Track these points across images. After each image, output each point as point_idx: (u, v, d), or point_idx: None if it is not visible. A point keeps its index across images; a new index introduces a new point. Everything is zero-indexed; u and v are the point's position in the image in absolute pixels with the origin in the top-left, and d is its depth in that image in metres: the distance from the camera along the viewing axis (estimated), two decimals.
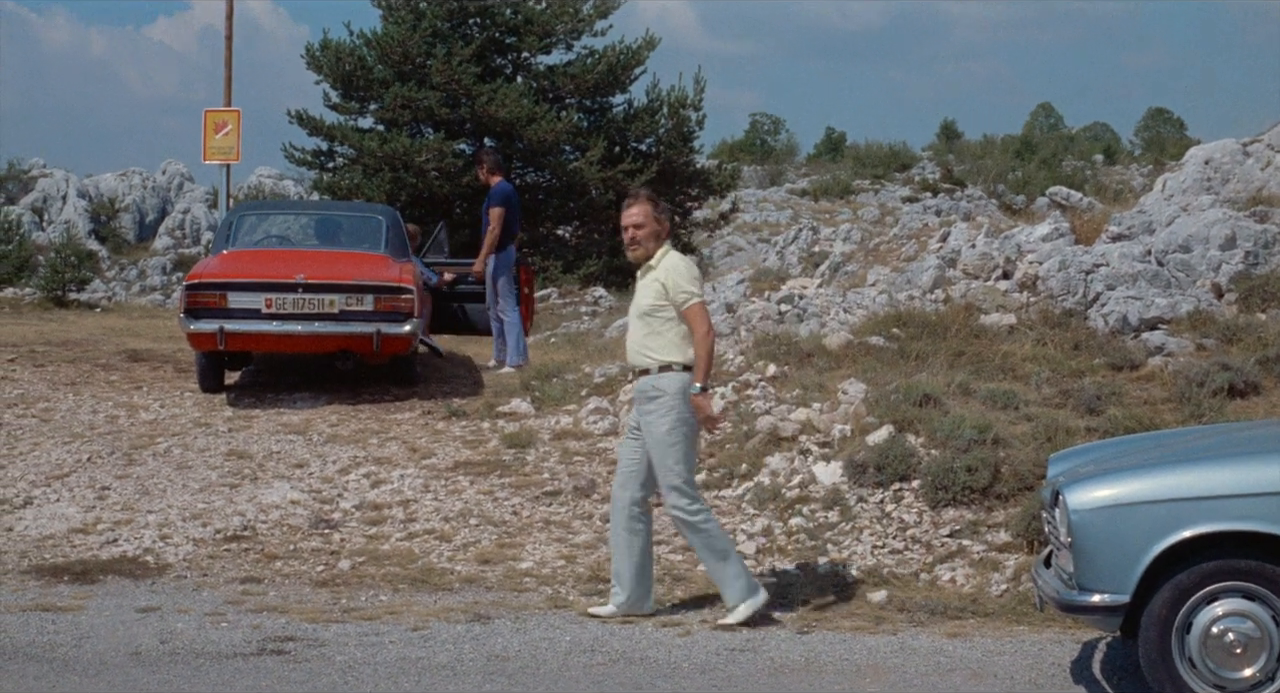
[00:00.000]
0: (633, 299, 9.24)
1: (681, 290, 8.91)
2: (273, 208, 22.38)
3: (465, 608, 9.15)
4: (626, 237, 9.16)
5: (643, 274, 9.13)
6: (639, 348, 9.03)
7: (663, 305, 8.94)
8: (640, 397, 9.02)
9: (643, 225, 9.08)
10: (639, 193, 9.39)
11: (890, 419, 11.43)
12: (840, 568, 9.91)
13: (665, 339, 8.94)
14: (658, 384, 8.90)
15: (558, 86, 32.00)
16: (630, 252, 9.21)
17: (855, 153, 65.70)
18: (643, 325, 9.02)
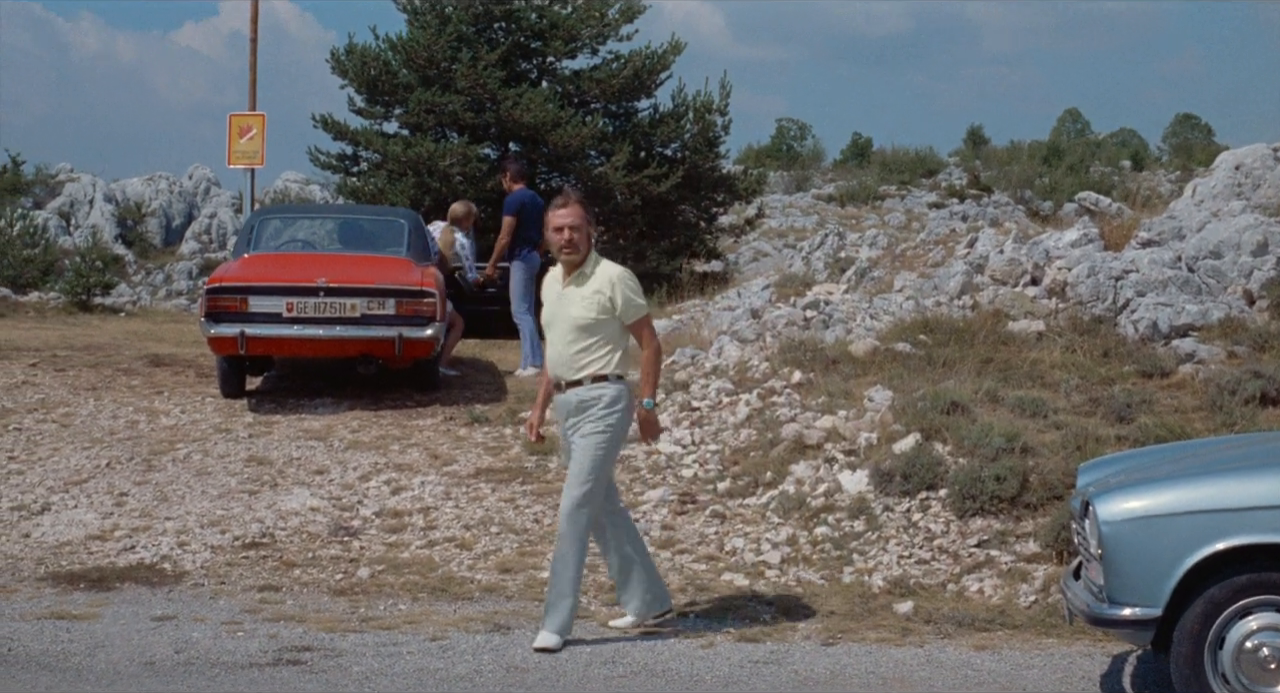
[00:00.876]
0: (554, 306, 8.77)
1: (633, 304, 8.67)
2: (294, 211, 22.28)
3: (485, 618, 9.02)
4: (563, 239, 8.65)
5: (573, 281, 8.70)
6: (571, 361, 8.63)
7: (605, 319, 8.60)
8: (568, 409, 8.69)
9: (579, 227, 8.66)
10: (569, 193, 8.98)
11: (917, 427, 11.29)
12: (866, 578, 9.77)
13: (602, 351, 8.62)
14: (593, 394, 8.60)
15: (583, 91, 31.80)
16: (565, 255, 8.70)
17: (882, 158, 65.33)
18: (577, 337, 8.61)
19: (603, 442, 8.60)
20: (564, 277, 8.75)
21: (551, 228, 8.70)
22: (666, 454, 12.18)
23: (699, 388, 13.36)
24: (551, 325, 8.78)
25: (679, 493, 11.43)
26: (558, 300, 8.74)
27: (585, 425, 8.60)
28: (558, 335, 8.69)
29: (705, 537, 10.65)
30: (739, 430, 12.33)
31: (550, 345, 8.79)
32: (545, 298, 8.93)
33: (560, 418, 8.85)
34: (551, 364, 8.79)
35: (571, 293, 8.66)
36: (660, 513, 11.07)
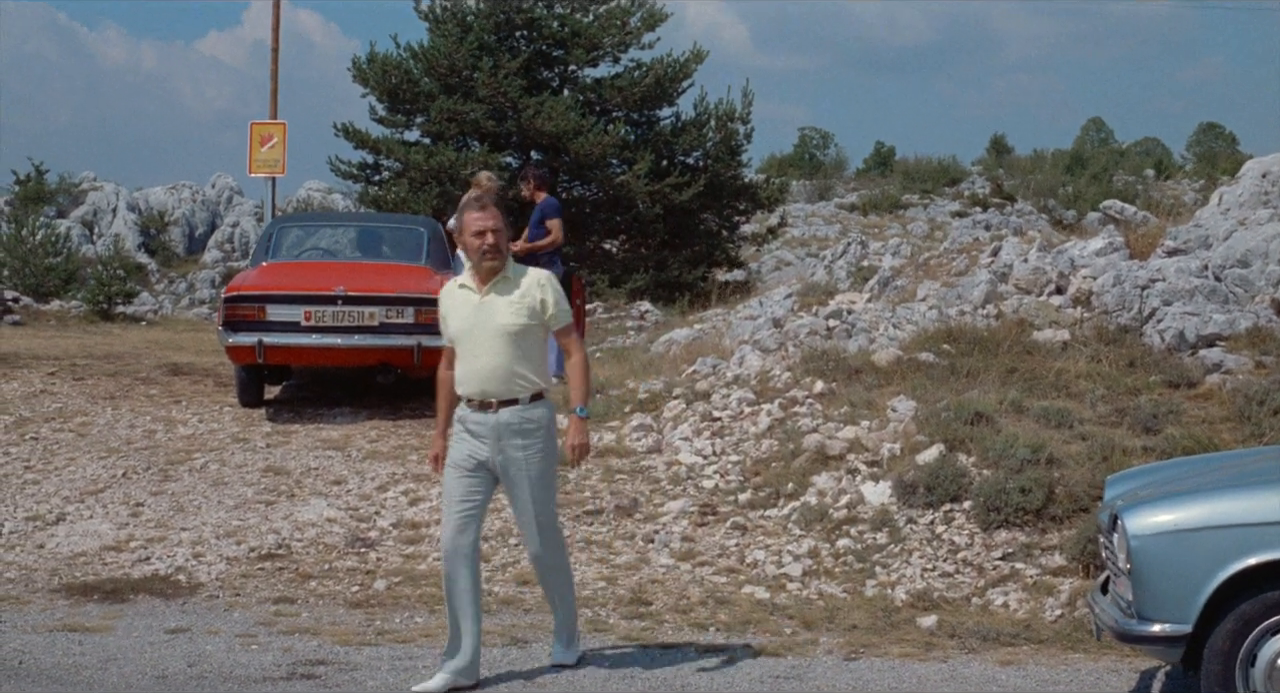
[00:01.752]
0: (471, 317, 7.99)
1: (562, 308, 8.11)
2: (313, 219, 22.23)
3: (502, 631, 8.90)
4: (485, 243, 7.94)
5: (493, 288, 8.01)
6: (507, 374, 7.91)
7: (534, 326, 8.00)
8: (506, 430, 7.92)
9: (499, 230, 7.99)
10: (484, 196, 8.50)
11: (941, 438, 11.15)
12: (889, 592, 9.63)
13: (535, 363, 8.03)
14: (533, 415, 7.96)
15: (605, 99, 31.77)
16: (488, 260, 7.97)
17: (904, 167, 65.33)
18: (510, 348, 7.91)
19: (552, 463, 8.12)
20: (479, 285, 8.06)
21: (470, 232, 8.01)
22: (687, 465, 12.06)
23: (720, 398, 13.24)
24: (467, 339, 8.00)
25: (699, 504, 11.30)
26: (476, 311, 8.00)
27: (531, 450, 7.96)
28: (483, 348, 7.92)
29: (726, 549, 10.51)
30: (760, 441, 12.20)
31: (470, 360, 7.98)
32: (452, 310, 8.12)
33: (476, 437, 7.98)
34: (473, 381, 7.95)
35: (495, 301, 7.98)
36: (680, 524, 10.94)
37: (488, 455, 7.97)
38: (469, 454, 8.00)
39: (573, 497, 11.59)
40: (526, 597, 9.60)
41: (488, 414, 7.94)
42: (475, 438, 7.99)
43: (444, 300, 8.23)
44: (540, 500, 8.06)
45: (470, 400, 8.01)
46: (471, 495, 8.01)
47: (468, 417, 8.02)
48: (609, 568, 10.16)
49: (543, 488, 8.06)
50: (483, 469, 8.00)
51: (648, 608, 9.34)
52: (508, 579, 9.95)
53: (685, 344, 17.70)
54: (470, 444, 8.01)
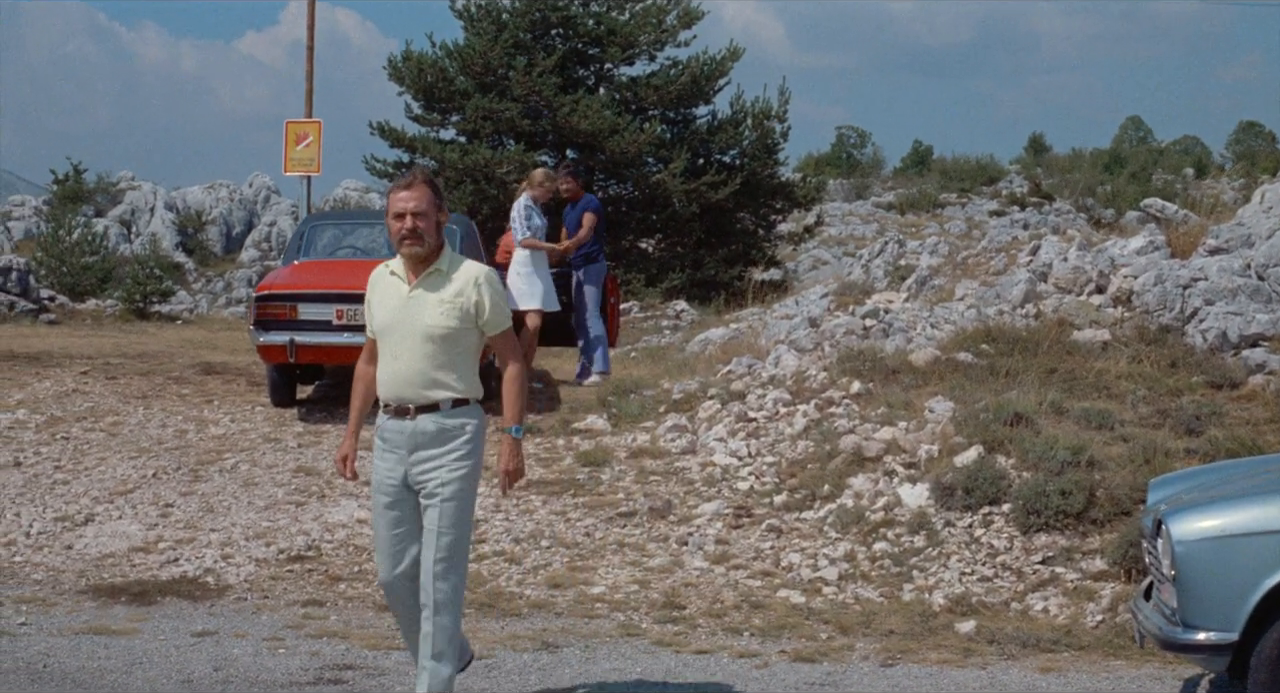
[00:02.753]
0: (396, 312, 7.09)
1: (501, 312, 7.14)
2: (345, 218, 22.11)
3: (533, 635, 8.77)
4: (404, 226, 6.98)
5: (423, 282, 7.07)
6: (426, 379, 6.99)
7: (466, 330, 7.04)
8: (423, 439, 7.01)
9: (425, 213, 7.00)
10: (416, 173, 7.25)
11: (979, 439, 10.98)
12: (926, 596, 9.46)
13: (462, 369, 7.06)
14: (453, 423, 7.02)
15: (640, 98, 31.65)
16: (408, 246, 7.00)
17: (942, 166, 65.01)
18: (433, 350, 7.00)
19: (472, 482, 7.12)
20: (409, 276, 7.11)
21: (391, 214, 7.07)
22: (722, 466, 11.91)
23: (755, 398, 13.09)
24: (389, 335, 7.09)
25: (734, 506, 11.15)
26: (402, 305, 7.07)
27: (446, 461, 7.00)
28: (404, 348, 7.02)
29: (761, 552, 10.36)
30: (796, 442, 12.05)
31: (389, 360, 7.07)
32: (378, 300, 7.20)
33: (392, 449, 7.09)
34: (390, 384, 7.05)
35: (423, 297, 7.04)
36: (715, 527, 10.79)
37: (404, 470, 7.06)
38: (387, 478, 7.11)
39: (606, 499, 11.46)
40: (558, 600, 9.47)
41: (404, 421, 7.03)
42: (390, 450, 7.08)
43: (371, 286, 7.30)
44: (450, 527, 7.00)
45: (387, 406, 7.10)
46: (398, 526, 7.14)
47: (385, 425, 7.12)
48: (642, 571, 10.01)
49: (456, 512, 7.01)
50: (405, 492, 7.10)
51: (681, 612, 9.20)
52: (539, 583, 9.81)
53: (721, 344, 17.57)
54: (386, 464, 7.11)
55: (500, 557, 10.31)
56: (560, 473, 12.22)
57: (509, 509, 11.27)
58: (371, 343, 7.28)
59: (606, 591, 9.62)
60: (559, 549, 10.45)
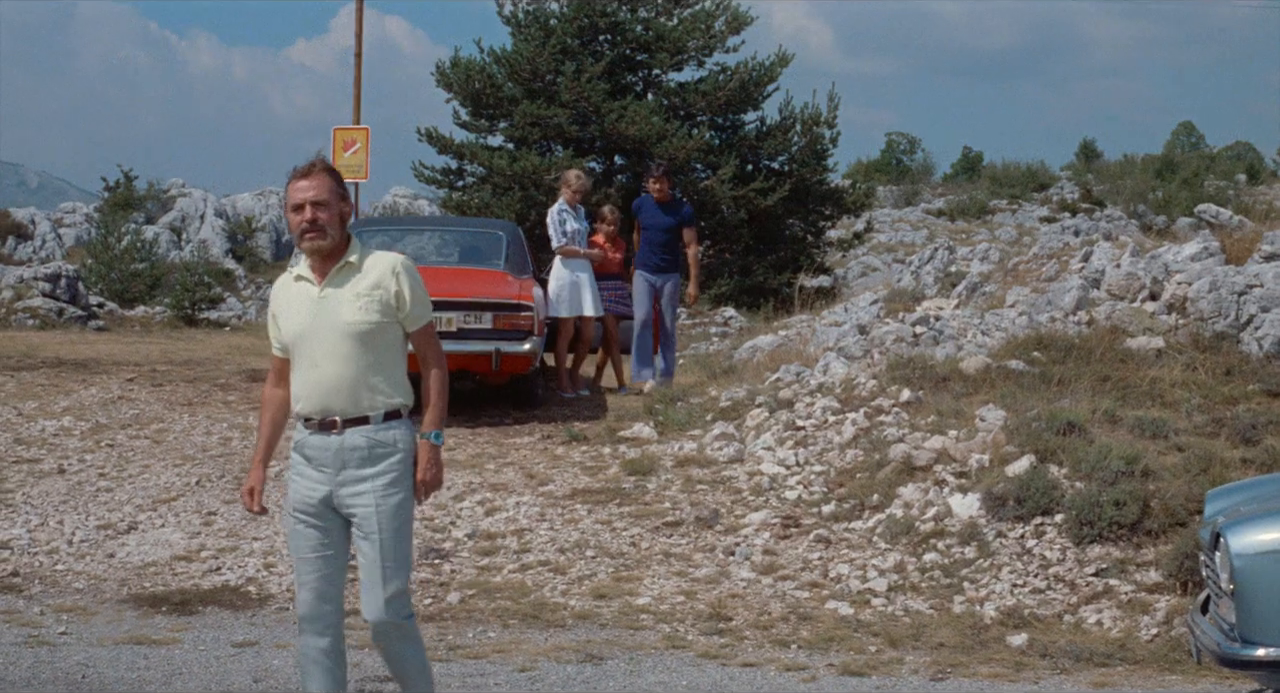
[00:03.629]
0: (307, 315, 6.35)
1: (423, 302, 6.43)
2: (391, 224, 22.10)
3: (577, 647, 8.64)
4: (304, 218, 6.26)
5: (332, 279, 6.34)
6: (354, 384, 6.26)
7: (387, 324, 6.31)
8: (352, 456, 6.27)
9: (326, 203, 6.29)
10: (315, 161, 6.46)
11: (1031, 448, 10.80)
12: (977, 608, 9.30)
13: (390, 371, 6.36)
14: (386, 437, 6.30)
15: (689, 104, 31.56)
16: (310, 240, 6.28)
17: (992, 173, 64.69)
18: (357, 350, 6.27)
19: (409, 506, 6.41)
20: (316, 276, 6.39)
21: (289, 206, 6.37)
22: (769, 475, 11.76)
23: (804, 406, 12.94)
24: (304, 343, 6.33)
25: (782, 516, 11.00)
26: (314, 308, 6.34)
27: (379, 485, 6.29)
28: (323, 353, 6.28)
29: (809, 562, 10.21)
30: (845, 451, 11.90)
31: (308, 370, 6.32)
32: (285, 309, 6.45)
33: (317, 467, 6.35)
34: (313, 395, 6.29)
35: (336, 294, 6.32)
36: (762, 537, 10.64)
37: (329, 490, 6.31)
38: (307, 496, 6.36)
39: (652, 508, 11.33)
40: (603, 611, 9.33)
41: (329, 436, 6.28)
42: (314, 468, 6.34)
43: (275, 297, 6.57)
44: (392, 551, 6.32)
45: (309, 420, 6.34)
46: (322, 549, 6.39)
47: (306, 441, 6.36)
48: (688, 582, 9.87)
49: (396, 535, 6.33)
50: (329, 513, 6.36)
51: (727, 624, 9.06)
52: (584, 593, 9.68)
53: (769, 351, 17.43)
54: (307, 481, 6.37)
55: (545, 567, 10.18)
56: (606, 482, 12.10)
57: (554, 518, 11.15)
58: (278, 362, 6.54)
59: (652, 601, 9.49)
60: (604, 559, 10.32)
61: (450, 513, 11.33)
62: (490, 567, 10.22)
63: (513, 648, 8.58)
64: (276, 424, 6.63)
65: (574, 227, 15.98)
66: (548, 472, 12.46)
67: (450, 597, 9.58)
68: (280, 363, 6.53)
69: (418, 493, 6.45)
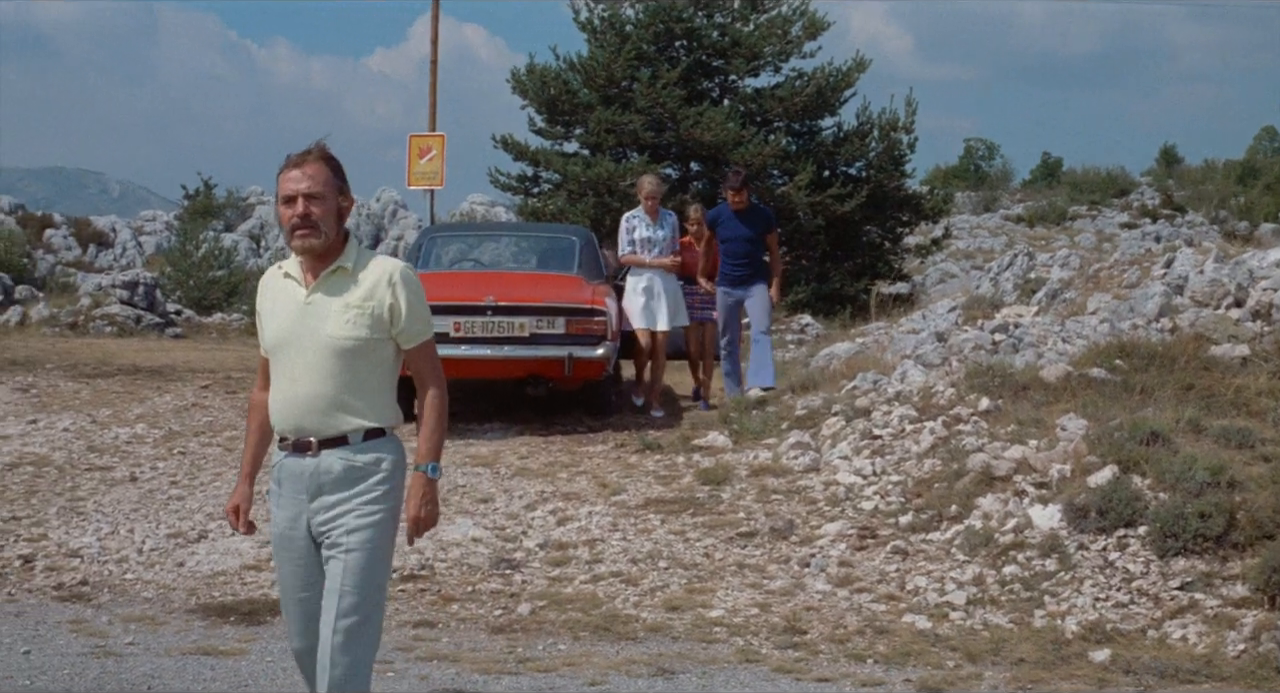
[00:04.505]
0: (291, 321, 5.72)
1: (421, 319, 5.76)
2: (464, 229, 22.08)
3: (649, 660, 8.47)
4: (295, 213, 5.59)
5: (322, 284, 5.69)
6: (330, 403, 5.63)
7: (378, 341, 5.66)
8: (327, 481, 5.67)
9: (321, 196, 5.62)
10: (310, 149, 5.75)
11: (1114, 459, 10.57)
12: (1058, 623, 9.08)
13: (375, 391, 5.71)
14: (365, 460, 5.67)
15: (765, 109, 31.39)
16: (301, 238, 5.60)
17: (1072, 178, 64.30)
18: (338, 367, 5.62)
19: (388, 530, 5.74)
20: (306, 278, 5.74)
21: (280, 198, 5.69)
22: (846, 485, 11.59)
23: (881, 415, 12.76)
24: (283, 352, 5.73)
25: (858, 527, 10.83)
26: (298, 314, 5.70)
27: (355, 504, 5.67)
28: (302, 367, 5.66)
29: (885, 574, 10.02)
30: (922, 461, 11.71)
31: (284, 383, 5.73)
32: (270, 311, 5.83)
33: (292, 495, 5.80)
34: (288, 412, 5.71)
35: (323, 302, 5.68)
36: (838, 548, 10.47)
37: (306, 519, 5.76)
38: (288, 528, 5.83)
39: (726, 518, 11.18)
40: (675, 623, 9.16)
41: (305, 459, 5.69)
42: (289, 494, 5.79)
43: (261, 292, 5.94)
44: (356, 587, 5.64)
45: (283, 440, 5.78)
46: (304, 588, 5.85)
47: (282, 463, 5.81)
48: (762, 594, 9.70)
49: (365, 567, 5.65)
50: (309, 546, 5.81)
51: (802, 637, 8.87)
52: (656, 605, 9.51)
53: (846, 359, 17.23)
54: (286, 509, 5.83)
55: (617, 577, 10.04)
56: (679, 491, 11.96)
57: (627, 528, 11.02)
58: (264, 364, 5.96)
59: (725, 614, 9.32)
60: (677, 570, 10.17)
61: (522, 523, 11.23)
62: (561, 578, 10.08)
63: (583, 661, 8.43)
64: (265, 431, 5.99)
65: (645, 235, 15.65)
66: (621, 481, 12.34)
67: (521, 608, 9.44)
68: (266, 365, 5.94)
69: (409, 532, 5.83)
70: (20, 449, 13.68)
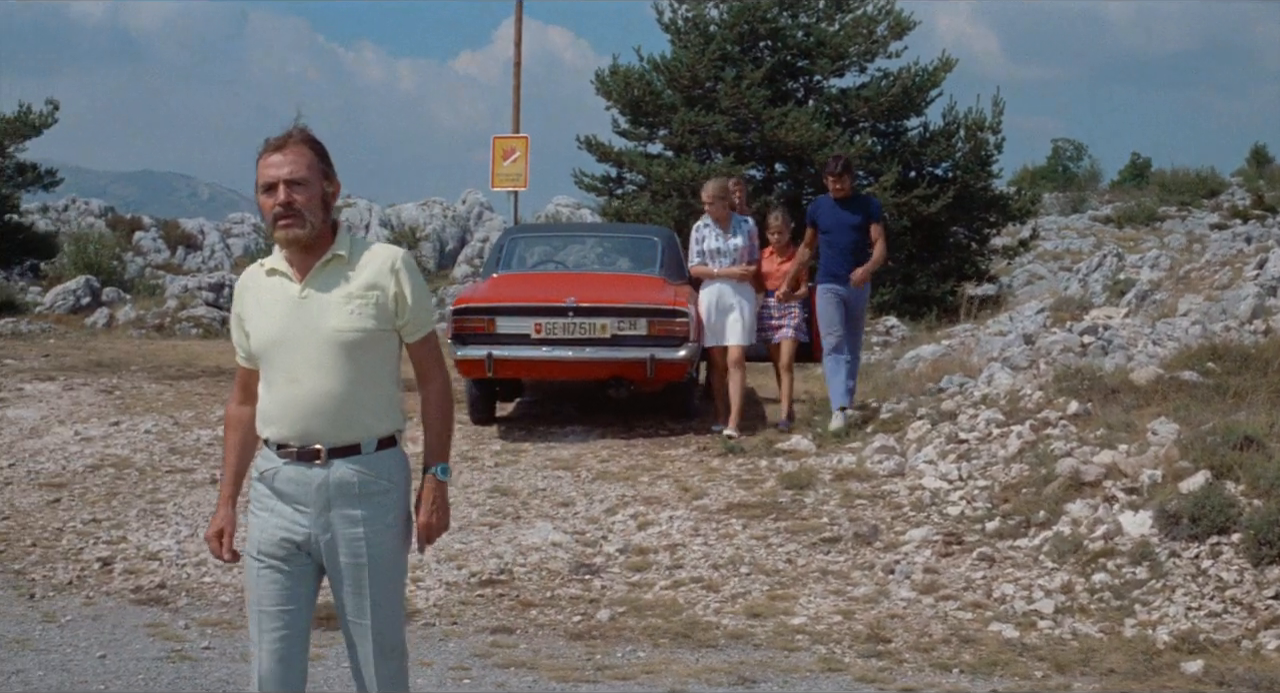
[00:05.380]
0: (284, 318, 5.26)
1: (425, 308, 5.37)
2: (546, 230, 22.03)
3: (729, 669, 8.32)
4: (277, 201, 5.16)
5: (316, 276, 5.27)
6: (342, 405, 5.21)
7: (383, 333, 5.27)
8: (340, 493, 5.25)
9: (306, 182, 5.18)
10: (291, 132, 5.27)
11: (1206, 464, 10.32)
12: (1149, 632, 8.86)
13: (385, 390, 5.34)
14: (380, 470, 5.32)
15: (850, 110, 31.11)
16: (285, 229, 5.18)
17: (1161, 179, 63.52)
18: (345, 364, 5.20)
19: (406, 545, 5.46)
20: (296, 272, 5.28)
21: (260, 186, 5.24)
22: (931, 490, 11.42)
23: (967, 418, 12.57)
24: (280, 352, 5.25)
25: (944, 533, 10.64)
26: (294, 310, 5.25)
27: (377, 524, 5.30)
28: (304, 366, 5.21)
29: (971, 582, 9.82)
30: (1010, 465, 11.51)
31: (284, 385, 5.25)
32: (256, 312, 5.34)
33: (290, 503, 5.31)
34: (291, 417, 5.24)
35: (320, 294, 5.24)
36: (923, 554, 10.29)
37: (307, 532, 5.28)
38: (276, 536, 5.31)
39: (809, 523, 11.02)
40: (757, 631, 9.01)
41: (312, 468, 5.23)
42: (289, 505, 5.29)
43: (240, 294, 5.44)
44: (386, 603, 5.37)
45: (283, 447, 5.27)
46: (287, 602, 5.37)
47: (279, 473, 5.28)
48: (845, 601, 9.53)
49: (390, 584, 5.37)
50: (300, 557, 5.34)
51: (886, 646, 8.69)
52: (737, 611, 9.36)
53: (931, 361, 17.04)
54: (279, 519, 5.32)
55: (698, 583, 9.89)
56: (762, 496, 11.81)
57: (708, 533, 10.89)
58: (244, 374, 5.49)
59: (808, 621, 9.15)
60: (759, 576, 10.01)
61: (602, 527, 11.12)
62: (641, 583, 9.95)
63: (662, 669, 8.29)
64: (246, 448, 5.54)
65: (714, 245, 14.57)
66: (702, 485, 12.21)
67: (600, 614, 9.31)
68: (246, 375, 5.46)
69: (420, 539, 5.45)
70: (102, 451, 13.69)
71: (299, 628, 5.40)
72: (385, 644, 5.40)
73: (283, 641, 5.36)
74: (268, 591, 5.33)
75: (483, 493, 12.02)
